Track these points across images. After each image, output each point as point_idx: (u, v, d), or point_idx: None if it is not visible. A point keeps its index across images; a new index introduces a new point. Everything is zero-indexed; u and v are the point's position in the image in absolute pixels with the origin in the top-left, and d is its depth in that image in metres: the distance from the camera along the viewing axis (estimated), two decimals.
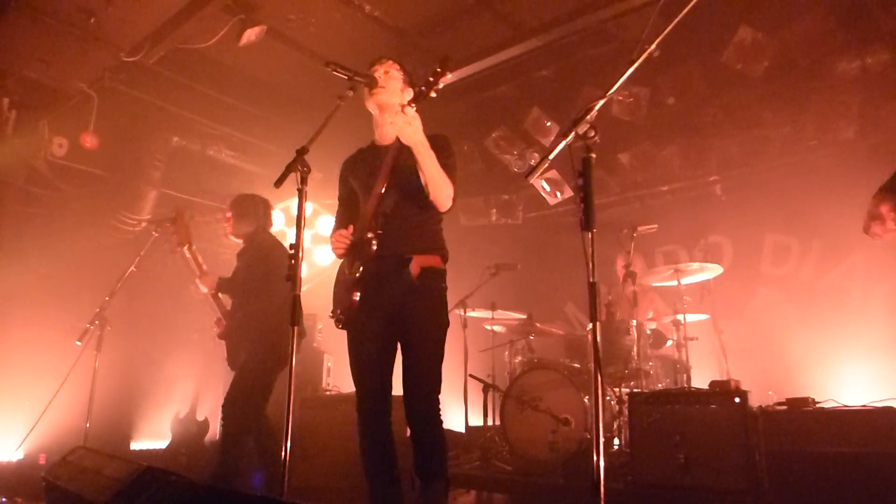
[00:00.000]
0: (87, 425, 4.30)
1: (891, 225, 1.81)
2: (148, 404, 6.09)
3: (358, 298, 2.55)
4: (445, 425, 2.59)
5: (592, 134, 1.74)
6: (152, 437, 6.02)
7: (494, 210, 6.83)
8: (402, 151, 2.51)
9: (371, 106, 2.76)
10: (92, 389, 4.32)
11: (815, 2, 4.57)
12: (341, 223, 2.88)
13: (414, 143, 2.41)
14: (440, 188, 2.52)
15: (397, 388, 2.61)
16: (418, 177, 2.50)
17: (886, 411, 3.18)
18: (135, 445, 6.02)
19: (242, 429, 3.73)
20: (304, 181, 2.30)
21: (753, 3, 4.76)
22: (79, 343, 4.34)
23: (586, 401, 4.19)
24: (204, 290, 4.02)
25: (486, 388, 5.09)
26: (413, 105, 2.41)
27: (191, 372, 5.57)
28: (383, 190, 2.57)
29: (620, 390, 4.41)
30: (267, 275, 3.86)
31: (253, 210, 4.16)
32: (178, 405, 5.37)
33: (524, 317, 5.18)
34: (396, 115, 2.41)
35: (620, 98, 5.31)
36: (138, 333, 5.79)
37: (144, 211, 5.92)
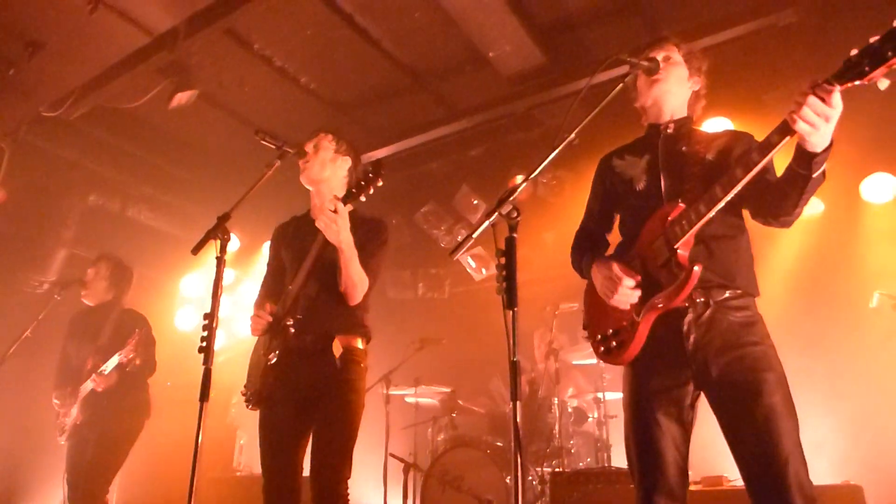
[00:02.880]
0: None
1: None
2: (37, 479, 5.51)
3: (271, 383, 2.51)
4: None
5: (515, 214, 1.78)
6: None
7: (421, 284, 6.85)
8: (328, 245, 2.49)
9: (303, 181, 2.76)
10: None
11: None
12: (266, 291, 2.83)
13: (337, 242, 2.43)
14: (354, 287, 2.54)
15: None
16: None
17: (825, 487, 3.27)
18: None
19: None
20: (223, 249, 2.23)
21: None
22: None
23: (509, 481, 4.11)
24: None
25: (407, 467, 4.92)
26: (341, 203, 2.42)
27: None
28: (306, 276, 2.55)
29: (542, 469, 4.36)
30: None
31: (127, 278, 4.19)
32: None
33: (448, 391, 5.11)
34: (322, 213, 2.41)
35: (545, 181, 5.54)
36: (30, 403, 5.30)
37: (50, 271, 5.56)
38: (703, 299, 1.97)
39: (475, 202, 6.00)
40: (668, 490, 1.93)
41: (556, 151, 1.94)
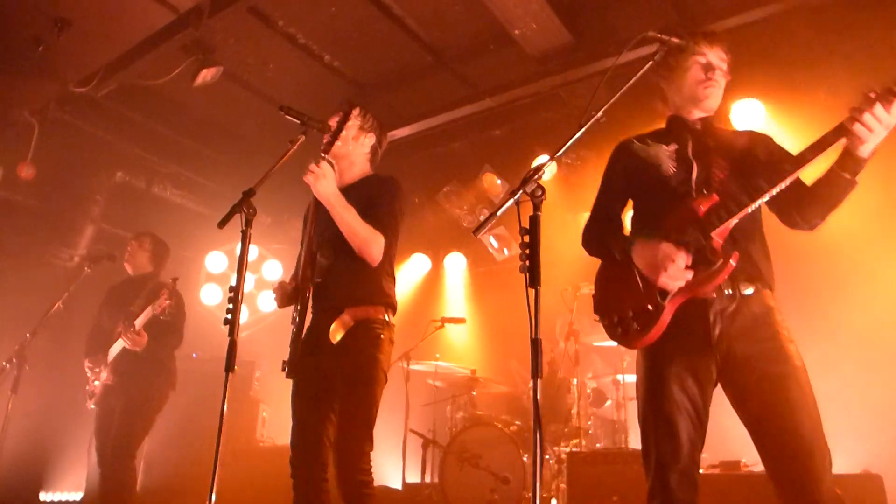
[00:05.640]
0: None
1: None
2: (65, 452, 5.69)
3: (299, 354, 2.51)
4: (383, 481, 2.52)
5: (540, 193, 1.78)
6: (67, 488, 5.60)
7: (443, 264, 6.87)
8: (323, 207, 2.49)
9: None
10: (2, 434, 4.01)
11: None
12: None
13: (325, 196, 2.42)
14: (365, 243, 2.49)
15: None
16: None
17: None
18: (45, 496, 5.58)
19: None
20: (248, 223, 2.25)
21: None
22: None
23: (526, 459, 4.14)
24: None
25: (427, 443, 4.99)
26: (324, 155, 2.41)
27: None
28: (317, 242, 2.55)
29: (560, 449, 4.39)
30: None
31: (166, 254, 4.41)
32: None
33: (468, 371, 5.15)
34: (309, 171, 2.40)
35: (568, 161, 5.50)
36: (60, 376, 5.45)
37: (80, 246, 5.68)
38: (730, 291, 1.98)
39: (498, 182, 5.98)
40: (681, 469, 1.94)
41: (584, 129, 1.93)
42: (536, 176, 1.80)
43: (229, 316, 2.17)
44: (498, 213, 1.84)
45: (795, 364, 1.92)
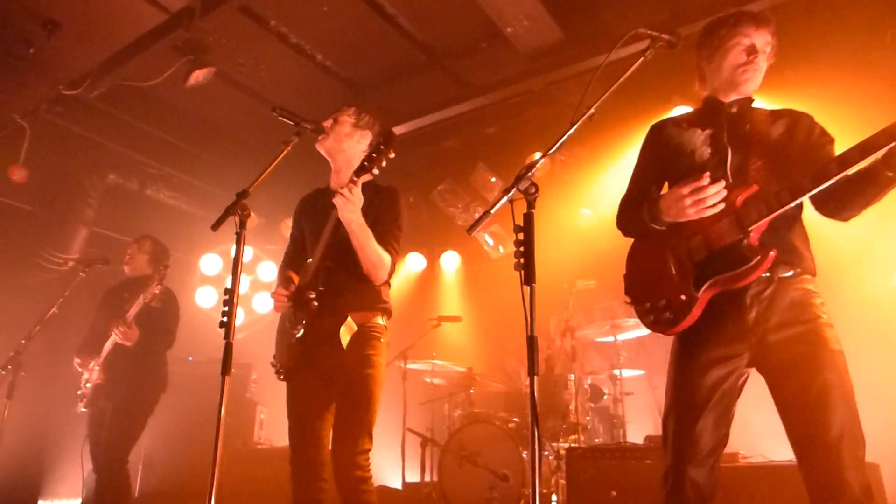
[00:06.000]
0: None
1: None
2: (61, 458, 5.66)
3: (297, 357, 2.55)
4: (382, 481, 2.52)
5: (534, 190, 1.79)
6: (64, 495, 5.58)
7: (438, 262, 6.87)
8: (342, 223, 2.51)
9: (321, 150, 2.77)
10: None
11: None
12: (288, 262, 2.88)
13: (348, 222, 2.44)
14: (375, 268, 2.56)
15: None
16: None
17: None
18: (43, 503, 5.56)
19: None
20: (242, 225, 2.25)
21: (688, 79, 5.07)
22: None
23: (525, 456, 4.15)
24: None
25: (425, 442, 4.99)
26: (355, 180, 2.42)
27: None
28: (324, 250, 2.56)
29: (559, 445, 4.40)
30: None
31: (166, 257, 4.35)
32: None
33: (465, 369, 5.15)
34: (337, 195, 2.42)
35: (562, 157, 5.50)
36: (56, 382, 5.43)
37: (73, 250, 5.65)
38: (767, 274, 1.93)
39: (492, 180, 5.98)
40: (700, 459, 1.92)
41: (576, 126, 1.93)
42: (530, 174, 1.80)
43: (225, 318, 2.16)
44: (492, 212, 1.85)
45: (832, 348, 1.87)
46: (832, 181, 1.81)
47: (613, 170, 5.55)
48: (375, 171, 2.48)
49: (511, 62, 4.90)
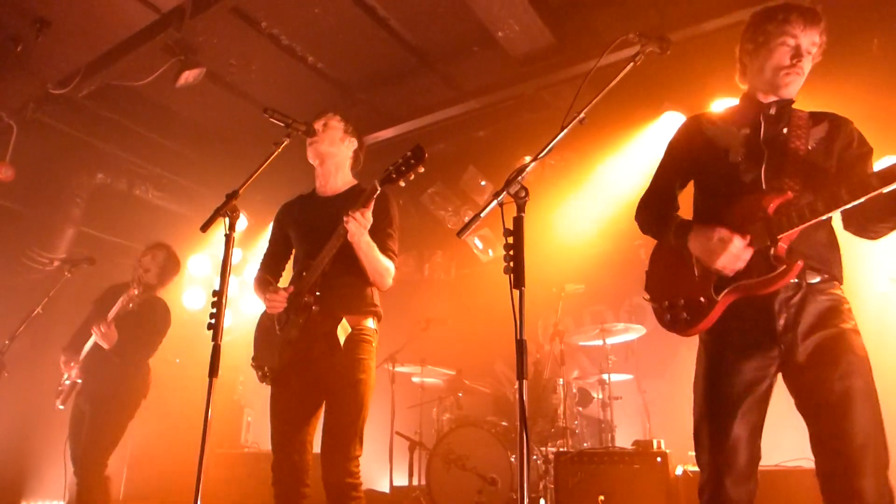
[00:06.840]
0: None
1: None
2: (44, 459, 5.60)
3: (287, 359, 2.54)
4: (370, 485, 2.51)
5: (523, 194, 1.79)
6: (47, 497, 5.52)
7: (427, 265, 6.86)
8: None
9: (310, 155, 2.76)
10: None
11: None
12: (267, 267, 2.86)
13: (358, 242, 2.48)
14: (382, 277, 2.62)
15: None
16: None
17: (797, 471, 3.30)
18: None
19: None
20: (232, 227, 2.24)
21: (678, 84, 5.11)
22: None
23: (513, 460, 4.15)
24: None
25: (413, 445, 4.98)
26: (379, 187, 2.45)
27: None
28: (330, 258, 2.56)
29: (547, 449, 4.40)
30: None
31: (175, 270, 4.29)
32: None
33: (453, 373, 5.15)
34: (349, 220, 2.43)
35: (552, 162, 5.52)
36: (40, 382, 5.37)
37: (59, 249, 5.60)
38: (796, 280, 1.90)
39: (482, 183, 5.99)
40: (738, 473, 1.89)
41: (566, 130, 1.94)
42: (520, 177, 1.80)
43: (213, 320, 2.15)
44: (482, 215, 1.85)
45: (859, 355, 1.85)
46: (869, 196, 1.75)
47: (603, 174, 5.59)
48: (402, 184, 2.45)
49: (502, 66, 4.92)
